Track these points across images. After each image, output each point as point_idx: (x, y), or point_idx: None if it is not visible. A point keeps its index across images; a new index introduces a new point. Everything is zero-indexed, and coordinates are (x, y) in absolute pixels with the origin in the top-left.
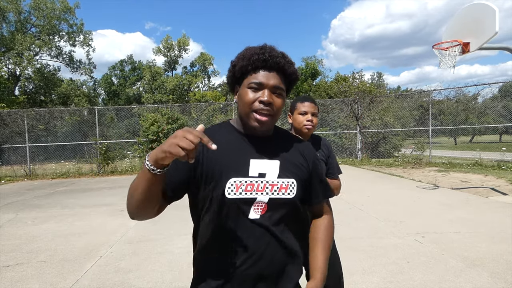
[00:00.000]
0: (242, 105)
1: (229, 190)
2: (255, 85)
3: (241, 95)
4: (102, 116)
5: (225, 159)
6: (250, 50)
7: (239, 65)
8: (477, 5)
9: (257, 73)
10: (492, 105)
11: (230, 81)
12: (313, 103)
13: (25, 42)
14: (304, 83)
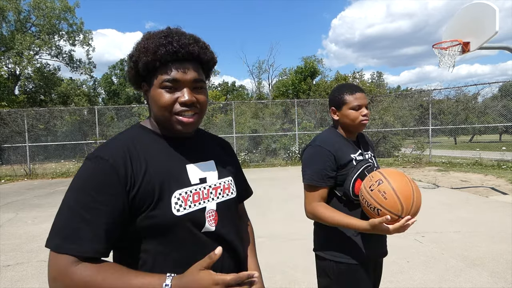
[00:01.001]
0: (158, 109)
1: (177, 206)
2: (170, 83)
3: (154, 97)
4: (102, 116)
5: (158, 170)
6: (153, 41)
7: (143, 61)
8: (477, 4)
9: (168, 68)
10: (492, 105)
11: (133, 80)
12: (363, 92)
13: (25, 41)
14: (303, 83)
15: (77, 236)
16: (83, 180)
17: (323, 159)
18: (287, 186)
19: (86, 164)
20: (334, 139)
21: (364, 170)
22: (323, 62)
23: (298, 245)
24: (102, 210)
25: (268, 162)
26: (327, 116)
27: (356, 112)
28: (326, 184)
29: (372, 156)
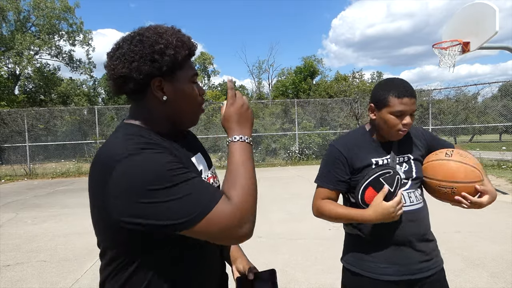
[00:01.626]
0: (190, 103)
1: None
2: (196, 77)
3: (185, 91)
4: (102, 116)
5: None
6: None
7: (182, 54)
8: (477, 4)
9: (190, 62)
10: (492, 105)
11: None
12: (413, 96)
13: (25, 41)
14: (303, 82)
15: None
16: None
17: (332, 160)
18: (287, 186)
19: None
20: (355, 140)
21: (379, 177)
22: (323, 62)
23: (298, 245)
24: (188, 169)
25: (268, 162)
26: (327, 116)
27: (395, 120)
28: (335, 187)
29: (412, 160)
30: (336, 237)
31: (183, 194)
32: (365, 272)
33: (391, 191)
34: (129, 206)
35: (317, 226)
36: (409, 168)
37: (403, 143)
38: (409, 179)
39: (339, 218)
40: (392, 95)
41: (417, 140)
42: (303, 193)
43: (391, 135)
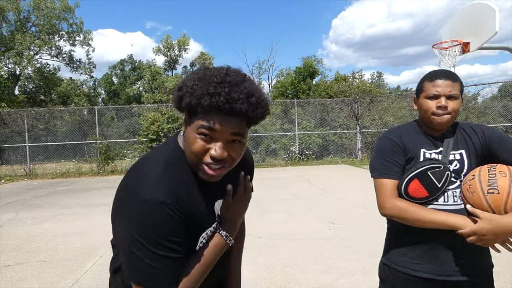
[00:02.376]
0: (189, 152)
1: (201, 244)
2: (206, 131)
3: (189, 138)
4: (102, 116)
5: (198, 210)
6: (203, 84)
7: (186, 101)
8: (477, 4)
9: (209, 116)
10: (492, 105)
11: (176, 106)
12: (449, 79)
13: (25, 41)
14: (302, 83)
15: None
16: (152, 229)
17: (389, 147)
18: (287, 186)
19: (150, 212)
20: (405, 130)
21: (428, 170)
22: (323, 62)
23: (298, 245)
24: (179, 248)
25: (268, 162)
26: (327, 116)
27: (430, 102)
28: (397, 176)
29: (466, 157)
30: (336, 238)
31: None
32: (397, 266)
33: (437, 186)
34: (123, 238)
35: (317, 227)
36: (460, 166)
37: (458, 139)
38: (458, 177)
39: (435, 225)
40: (426, 80)
41: (474, 137)
42: (303, 194)
43: (429, 121)
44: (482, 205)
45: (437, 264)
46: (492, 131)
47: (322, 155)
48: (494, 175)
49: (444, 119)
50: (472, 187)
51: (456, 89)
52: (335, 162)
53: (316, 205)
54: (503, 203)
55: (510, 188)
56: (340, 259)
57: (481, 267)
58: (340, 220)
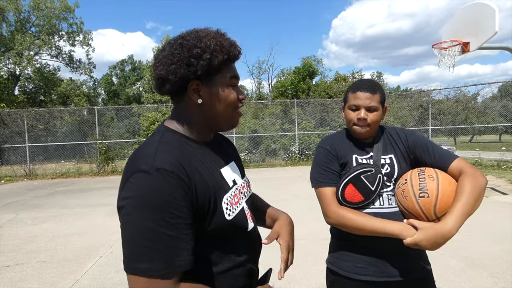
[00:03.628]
0: (224, 106)
1: (228, 211)
2: (235, 80)
3: (221, 95)
4: (102, 116)
5: (208, 178)
6: (223, 39)
7: (218, 59)
8: (477, 4)
9: (231, 66)
10: (491, 105)
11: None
12: (369, 91)
13: (25, 41)
14: (302, 82)
15: (166, 255)
16: (155, 197)
17: (324, 157)
18: (287, 186)
19: (149, 178)
20: (337, 138)
21: (360, 175)
22: (322, 62)
23: (298, 245)
24: (182, 224)
25: (268, 162)
26: (327, 116)
27: (352, 113)
28: (334, 183)
29: (395, 161)
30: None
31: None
32: (343, 272)
33: (372, 190)
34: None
35: (316, 227)
36: (391, 170)
37: (386, 144)
38: (391, 181)
39: (374, 233)
40: (350, 91)
41: (399, 142)
42: (303, 194)
43: (352, 130)
44: (414, 208)
45: (380, 266)
46: (416, 136)
47: None
48: (424, 179)
49: (363, 130)
50: (405, 191)
51: (375, 101)
52: None
53: (316, 205)
54: (432, 206)
55: (438, 191)
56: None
57: (420, 265)
58: None
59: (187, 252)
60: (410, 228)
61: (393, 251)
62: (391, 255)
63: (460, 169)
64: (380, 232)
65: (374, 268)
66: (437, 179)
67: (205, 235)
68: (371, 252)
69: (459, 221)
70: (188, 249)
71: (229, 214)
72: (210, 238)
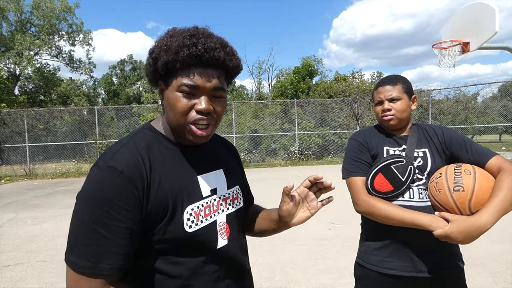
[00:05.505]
0: (172, 114)
1: (189, 222)
2: (188, 88)
3: (170, 100)
4: (102, 116)
5: (172, 184)
6: (177, 39)
7: (163, 60)
8: (477, 4)
9: (189, 72)
10: (491, 105)
11: (150, 76)
12: (389, 84)
13: (25, 41)
14: (302, 82)
15: (94, 252)
16: (96, 193)
17: (356, 148)
18: None
19: (97, 174)
20: (369, 131)
21: (391, 165)
22: (322, 62)
23: (298, 245)
24: (118, 226)
25: (268, 162)
26: (327, 116)
27: (378, 108)
28: (365, 173)
29: (429, 155)
30: (336, 238)
31: (81, 235)
32: (370, 266)
33: (402, 180)
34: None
35: (317, 227)
36: (423, 163)
37: (420, 138)
38: (423, 174)
39: (403, 223)
40: (374, 90)
41: (435, 138)
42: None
43: (381, 123)
44: (448, 202)
45: (408, 261)
46: (453, 133)
47: (322, 155)
48: (460, 173)
49: (390, 120)
50: (439, 185)
51: (397, 91)
52: (335, 162)
53: None
54: (467, 200)
55: (474, 186)
56: (340, 259)
57: (451, 263)
58: (340, 220)
59: (117, 257)
60: (441, 221)
61: (422, 246)
62: (419, 250)
63: (499, 166)
64: (408, 223)
65: (402, 263)
66: (474, 174)
67: (161, 244)
68: (399, 246)
69: (495, 216)
70: (119, 253)
71: (190, 226)
72: (167, 249)
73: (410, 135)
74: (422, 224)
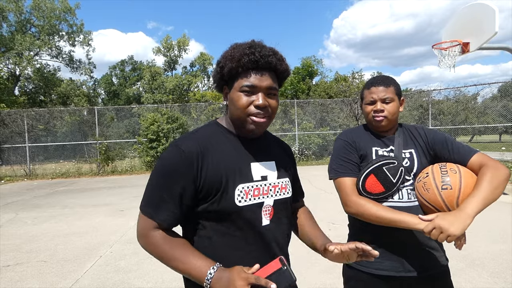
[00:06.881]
0: (235, 110)
1: (239, 197)
2: (248, 88)
3: (233, 99)
4: (102, 116)
5: (227, 165)
6: (239, 50)
7: (228, 67)
8: (477, 5)
9: (248, 75)
10: (491, 105)
11: (217, 83)
12: (382, 85)
13: (25, 42)
14: (302, 83)
15: (156, 207)
16: (163, 164)
17: (343, 148)
18: None
19: (167, 151)
20: (356, 131)
21: (383, 166)
22: (322, 63)
23: (298, 246)
24: (175, 192)
25: None
26: (327, 116)
27: (369, 107)
28: (354, 174)
29: (415, 156)
30: (336, 238)
31: (150, 191)
32: (360, 266)
33: (393, 182)
34: None
35: None
36: (410, 164)
37: (406, 139)
38: (410, 175)
39: (392, 223)
40: (365, 88)
41: (419, 139)
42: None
43: (370, 124)
44: (437, 200)
45: (396, 261)
46: (435, 133)
47: (322, 155)
48: (446, 172)
49: (381, 121)
50: (427, 184)
51: (390, 93)
52: None
53: (316, 205)
54: (455, 198)
55: (461, 184)
56: None
57: (437, 262)
58: (340, 220)
59: (169, 214)
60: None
61: (410, 246)
62: (408, 250)
63: (480, 163)
64: (397, 222)
65: (391, 263)
66: (460, 173)
67: (212, 214)
68: (388, 246)
69: (478, 205)
70: (171, 212)
71: (240, 201)
72: (218, 216)
73: (397, 135)
74: (411, 223)
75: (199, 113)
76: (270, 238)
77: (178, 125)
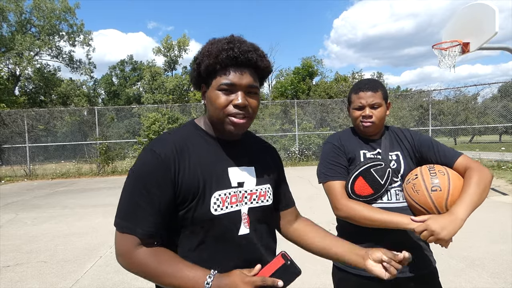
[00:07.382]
0: (213, 110)
1: (215, 205)
2: (226, 86)
3: (211, 98)
4: (102, 116)
5: (204, 170)
6: (216, 45)
7: (205, 63)
8: (477, 5)
9: (226, 72)
10: (491, 105)
11: (194, 81)
12: (371, 90)
13: (25, 42)
14: (302, 83)
15: (134, 217)
16: (139, 170)
17: (331, 152)
18: None
19: (142, 155)
20: (344, 134)
21: (371, 168)
22: (322, 63)
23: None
24: (152, 199)
25: None
26: (327, 117)
27: (357, 112)
28: (343, 177)
29: (402, 158)
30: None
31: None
32: (350, 269)
33: (381, 183)
34: None
35: None
36: (397, 166)
37: (392, 141)
38: (398, 176)
39: (383, 224)
40: (352, 92)
41: (405, 141)
42: (303, 194)
43: (358, 129)
44: (426, 202)
45: None
46: (421, 136)
47: None
48: (435, 174)
49: (370, 126)
50: (417, 185)
51: (378, 98)
52: None
53: (316, 205)
54: (444, 199)
55: (449, 185)
56: None
57: (427, 262)
58: None
59: (150, 224)
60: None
61: (400, 247)
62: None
63: (465, 165)
64: (388, 223)
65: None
66: (448, 175)
67: (190, 222)
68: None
69: (468, 209)
70: (152, 222)
71: (216, 209)
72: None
73: (383, 138)
74: (401, 223)
75: (199, 113)
76: (250, 247)
77: (178, 125)
